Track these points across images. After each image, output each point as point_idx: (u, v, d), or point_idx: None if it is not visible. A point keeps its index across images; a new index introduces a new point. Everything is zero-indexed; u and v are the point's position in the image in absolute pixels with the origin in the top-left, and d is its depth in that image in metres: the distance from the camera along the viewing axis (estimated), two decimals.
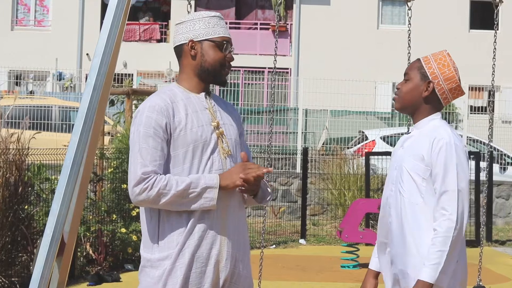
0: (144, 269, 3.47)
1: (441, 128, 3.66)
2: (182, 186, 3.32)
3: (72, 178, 3.29)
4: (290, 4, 28.51)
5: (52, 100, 18.18)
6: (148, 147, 3.36)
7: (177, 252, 3.37)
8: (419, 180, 3.61)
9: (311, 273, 9.72)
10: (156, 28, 28.62)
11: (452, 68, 3.72)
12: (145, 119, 3.38)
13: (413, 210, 3.62)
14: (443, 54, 3.77)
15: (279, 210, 13.98)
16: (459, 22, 27.99)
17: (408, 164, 3.65)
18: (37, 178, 8.58)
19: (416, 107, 3.74)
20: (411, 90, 3.73)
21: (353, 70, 25.59)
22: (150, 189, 3.32)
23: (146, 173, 3.33)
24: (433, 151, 3.59)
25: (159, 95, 3.45)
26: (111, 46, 3.35)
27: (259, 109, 19.89)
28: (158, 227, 3.41)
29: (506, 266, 10.45)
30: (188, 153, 3.40)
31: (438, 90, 3.71)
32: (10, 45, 27.48)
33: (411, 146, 3.69)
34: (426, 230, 3.58)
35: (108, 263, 8.98)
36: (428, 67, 3.72)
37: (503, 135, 18.87)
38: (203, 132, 3.43)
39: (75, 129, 3.31)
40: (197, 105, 3.48)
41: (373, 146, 16.74)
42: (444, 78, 3.70)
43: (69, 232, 3.41)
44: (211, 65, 3.49)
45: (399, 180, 3.69)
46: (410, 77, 3.75)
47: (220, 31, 3.53)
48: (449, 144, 3.58)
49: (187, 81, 3.52)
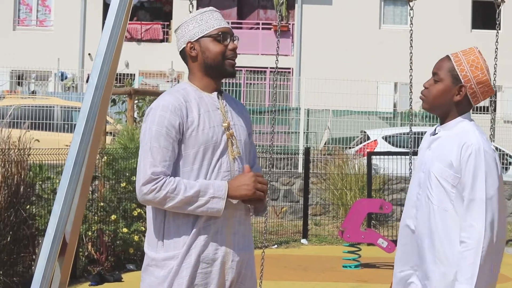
0: (148, 267, 3.45)
1: (470, 133, 3.53)
2: (190, 193, 3.31)
3: (74, 178, 3.29)
4: (292, 4, 28.50)
5: (54, 100, 18.18)
6: (159, 146, 3.34)
7: (184, 253, 3.36)
8: (448, 186, 3.49)
9: (313, 273, 9.72)
10: (158, 28, 28.63)
11: (485, 70, 3.56)
12: (158, 118, 3.36)
13: (443, 217, 3.50)
14: (476, 55, 3.59)
15: (281, 210, 13.98)
16: (461, 22, 27.98)
17: (436, 169, 3.53)
18: (39, 178, 8.58)
19: (446, 110, 3.60)
20: (442, 93, 3.58)
21: (355, 70, 25.59)
22: (158, 190, 3.31)
23: (155, 173, 3.32)
24: (462, 157, 3.46)
25: (173, 94, 3.42)
26: (113, 46, 3.35)
27: (261, 109, 19.89)
28: (164, 225, 3.40)
29: (507, 266, 10.44)
30: (199, 154, 3.38)
31: (470, 93, 3.57)
32: (12, 45, 27.49)
33: (439, 149, 3.57)
34: (456, 238, 3.48)
35: (110, 263, 8.98)
36: (461, 70, 3.55)
37: (505, 135, 18.84)
38: (214, 133, 3.41)
39: (77, 129, 3.31)
40: (209, 104, 3.45)
41: (375, 146, 16.73)
42: (477, 81, 3.56)
43: (70, 232, 3.41)
44: (213, 60, 3.45)
45: (427, 185, 3.56)
46: (440, 78, 3.58)
47: (214, 24, 3.47)
48: (479, 151, 3.46)
49: (198, 80, 3.50)
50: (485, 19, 27.06)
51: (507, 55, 22.95)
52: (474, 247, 3.40)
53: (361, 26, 27.82)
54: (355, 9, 27.88)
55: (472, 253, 3.40)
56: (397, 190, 13.69)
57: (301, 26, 28.35)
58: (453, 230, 3.49)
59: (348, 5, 27.97)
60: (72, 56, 27.61)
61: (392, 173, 13.59)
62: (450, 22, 27.64)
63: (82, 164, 3.31)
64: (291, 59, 27.92)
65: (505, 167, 17.31)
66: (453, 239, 3.48)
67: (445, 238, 3.50)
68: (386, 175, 13.65)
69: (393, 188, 13.76)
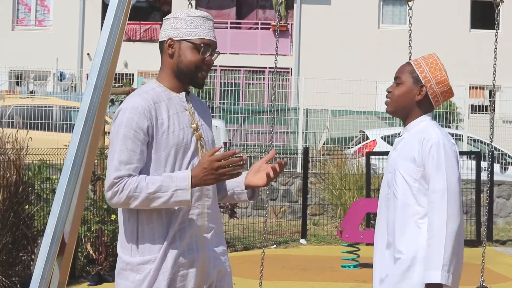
0: (122, 271, 3.42)
1: (430, 128, 3.73)
2: (152, 189, 3.26)
3: (73, 178, 3.28)
4: (291, 3, 28.50)
5: (53, 100, 18.17)
6: (126, 149, 3.29)
7: (161, 257, 3.32)
8: (411, 181, 3.69)
9: (312, 273, 9.72)
10: (157, 28, 28.63)
11: (443, 71, 3.79)
12: (126, 120, 3.30)
13: (404, 211, 3.69)
14: (434, 58, 3.83)
15: (280, 210, 13.98)
16: (460, 21, 27.98)
17: (400, 166, 3.73)
18: (38, 178, 8.57)
19: (408, 111, 3.81)
20: (404, 94, 3.79)
21: (354, 70, 25.60)
22: (120, 192, 3.26)
23: (117, 177, 3.27)
24: (424, 151, 3.67)
25: (141, 95, 3.37)
26: (111, 46, 3.34)
27: (259, 109, 19.89)
28: (137, 229, 3.36)
29: (507, 266, 10.44)
30: (170, 156, 3.34)
31: (430, 93, 3.78)
32: (11, 45, 27.49)
33: (403, 149, 3.77)
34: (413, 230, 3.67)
35: (109, 263, 8.97)
36: (420, 71, 3.78)
37: (503, 135, 18.86)
38: (184, 135, 3.38)
39: (75, 129, 3.31)
40: (178, 106, 3.42)
41: (374, 146, 16.74)
42: (436, 81, 3.77)
43: (69, 232, 3.40)
44: (186, 67, 3.40)
45: (393, 183, 3.76)
46: (402, 81, 3.80)
47: (201, 33, 3.41)
48: (438, 144, 3.65)
49: (167, 80, 3.45)
50: (484, 19, 27.06)
51: (506, 55, 22.95)
52: (437, 235, 3.58)
53: (360, 26, 27.82)
54: (354, 9, 27.88)
55: (436, 241, 3.57)
56: None
57: (300, 26, 28.35)
58: (410, 221, 3.67)
59: (347, 5, 27.98)
60: (71, 56, 27.61)
61: None
62: (449, 22, 27.64)
63: (81, 164, 3.31)
64: (290, 59, 27.92)
65: (504, 167, 17.32)
66: (409, 231, 3.67)
67: (400, 230, 3.69)
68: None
69: None
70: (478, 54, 26.32)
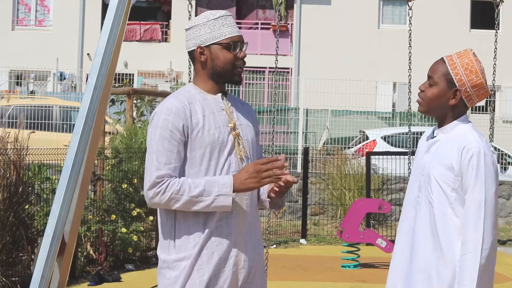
0: (161, 270, 3.46)
1: (469, 135, 3.57)
2: (195, 193, 3.33)
3: (73, 178, 3.29)
4: (291, 3, 28.51)
5: (53, 100, 18.17)
6: (164, 149, 3.35)
7: (196, 254, 3.37)
8: (448, 190, 3.53)
9: (312, 273, 9.72)
10: (157, 28, 28.62)
11: (479, 73, 3.60)
12: (162, 121, 3.37)
13: (443, 220, 3.54)
14: (470, 58, 3.63)
15: (280, 210, 13.98)
16: (460, 21, 27.99)
17: (436, 173, 3.56)
18: (38, 178, 8.57)
19: (442, 112, 3.63)
20: (437, 96, 3.61)
21: (354, 70, 25.59)
22: (163, 193, 3.33)
23: (159, 176, 3.33)
24: (463, 160, 3.51)
25: (176, 97, 3.44)
26: (111, 46, 3.35)
27: (260, 109, 19.88)
28: (175, 227, 3.41)
29: (507, 266, 10.44)
30: (206, 155, 3.40)
31: (465, 97, 3.60)
32: (11, 45, 27.49)
33: (439, 153, 3.60)
34: (456, 241, 3.52)
35: (109, 263, 8.98)
36: (455, 74, 3.58)
37: (503, 135, 18.85)
38: (220, 134, 3.43)
39: (75, 129, 3.31)
40: (214, 106, 3.47)
41: (374, 146, 16.73)
42: (472, 85, 3.59)
43: (69, 232, 3.41)
44: (222, 68, 3.48)
45: (427, 188, 3.60)
46: (435, 82, 3.61)
47: (226, 32, 3.48)
48: (479, 154, 3.50)
49: (203, 83, 3.51)
50: (484, 19, 27.06)
51: (506, 55, 22.96)
52: (473, 250, 3.45)
53: (360, 26, 27.83)
54: (354, 9, 27.89)
55: (472, 256, 3.45)
56: (396, 190, 13.69)
57: (300, 26, 28.35)
58: (452, 233, 3.53)
59: (347, 5, 27.98)
60: (71, 56, 27.60)
61: (391, 173, 13.59)
62: (449, 22, 27.65)
63: (81, 164, 3.31)
64: (290, 59, 27.92)
65: (504, 167, 17.32)
66: (453, 243, 3.52)
67: (446, 241, 3.54)
68: (385, 175, 13.65)
69: (392, 188, 13.76)
70: (478, 54, 26.09)
